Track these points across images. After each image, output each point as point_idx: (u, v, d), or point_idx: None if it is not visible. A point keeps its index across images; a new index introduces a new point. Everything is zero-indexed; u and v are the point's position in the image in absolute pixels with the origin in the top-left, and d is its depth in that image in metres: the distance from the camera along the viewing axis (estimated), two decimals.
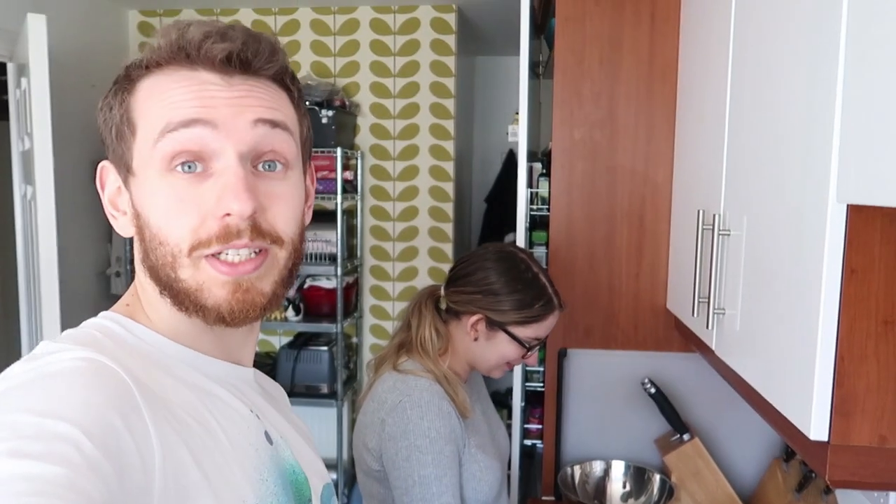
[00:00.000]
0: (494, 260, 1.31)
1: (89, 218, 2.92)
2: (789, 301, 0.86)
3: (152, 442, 0.52)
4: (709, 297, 1.17)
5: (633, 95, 1.62)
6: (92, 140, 2.91)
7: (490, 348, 1.29)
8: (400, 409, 1.19)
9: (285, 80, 0.65)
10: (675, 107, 1.61)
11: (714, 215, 1.15)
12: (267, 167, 0.62)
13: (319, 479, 0.74)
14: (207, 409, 0.61)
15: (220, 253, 0.59)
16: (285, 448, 0.68)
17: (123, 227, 0.65)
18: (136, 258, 0.65)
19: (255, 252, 0.61)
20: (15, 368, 0.54)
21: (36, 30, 1.90)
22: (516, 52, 1.76)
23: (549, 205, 1.70)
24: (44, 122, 1.88)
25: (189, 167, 0.59)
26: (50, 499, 0.42)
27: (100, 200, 0.67)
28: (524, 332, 1.27)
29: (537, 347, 1.32)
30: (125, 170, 0.63)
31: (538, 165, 1.85)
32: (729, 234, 1.14)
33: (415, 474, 1.16)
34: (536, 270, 1.31)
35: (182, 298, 0.61)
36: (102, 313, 0.65)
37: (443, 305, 1.32)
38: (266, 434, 0.66)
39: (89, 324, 0.63)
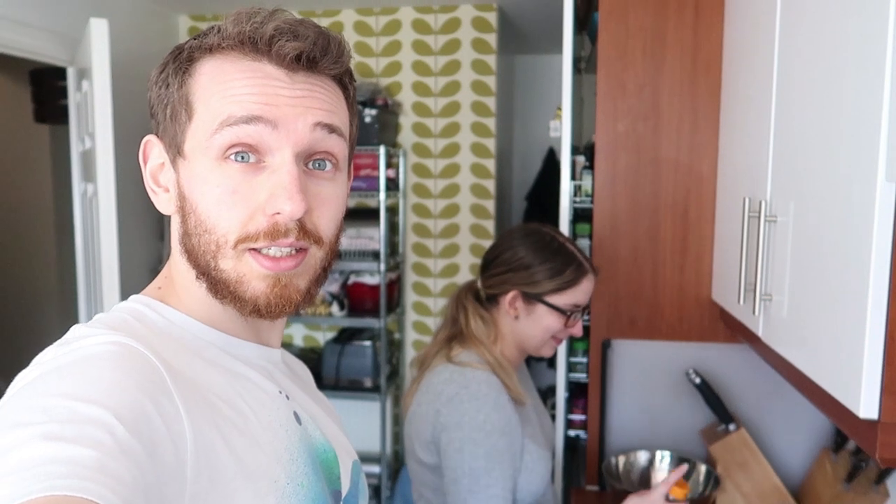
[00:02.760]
0: (520, 237, 1.33)
1: (142, 217, 3.03)
2: (838, 283, 0.87)
3: (183, 425, 0.52)
4: (755, 284, 1.17)
5: (676, 87, 1.63)
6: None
7: (532, 323, 1.30)
8: (457, 400, 1.20)
9: (344, 79, 0.66)
10: (720, 98, 1.61)
11: (760, 202, 1.15)
12: (317, 165, 0.63)
13: (348, 456, 0.75)
14: (237, 392, 0.61)
15: (264, 248, 0.60)
16: (314, 427, 0.69)
17: (163, 203, 0.66)
18: (174, 238, 0.65)
19: (296, 250, 0.61)
20: (47, 353, 0.54)
21: (98, 33, 1.99)
22: (556, 50, 1.79)
23: (592, 197, 1.72)
24: (105, 123, 1.97)
25: (243, 157, 0.59)
26: (82, 481, 0.42)
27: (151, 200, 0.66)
28: (561, 299, 1.29)
29: (580, 315, 1.33)
30: (175, 150, 0.63)
31: (581, 159, 1.87)
32: (775, 221, 1.15)
33: (465, 465, 1.17)
34: (562, 240, 1.33)
35: (220, 287, 0.61)
36: (133, 297, 0.66)
37: (482, 294, 1.34)
38: (295, 414, 0.67)
39: (121, 307, 0.64)
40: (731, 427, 1.61)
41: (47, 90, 3.31)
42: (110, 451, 0.45)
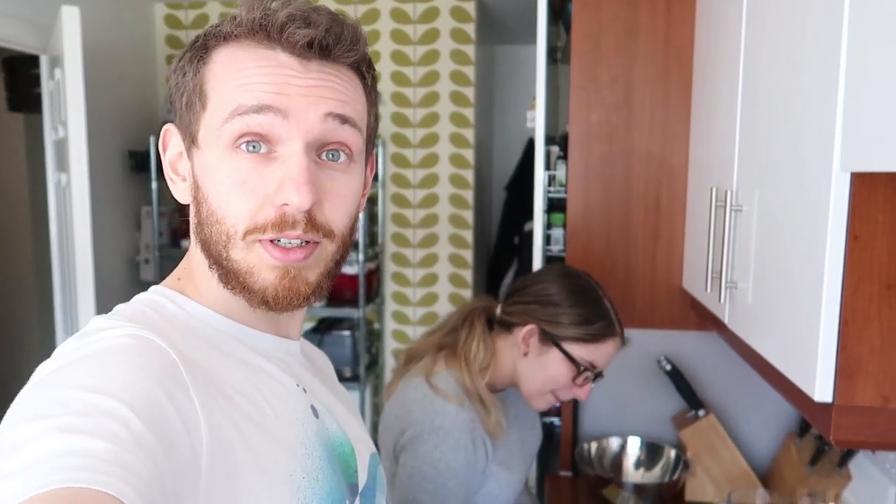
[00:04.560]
0: (558, 274, 1.25)
1: (117, 206, 3.00)
2: (797, 270, 0.89)
3: (199, 419, 0.52)
4: (721, 272, 1.20)
5: (649, 79, 1.65)
6: (121, 130, 2.99)
7: (539, 366, 1.20)
8: (418, 427, 1.16)
9: (362, 68, 0.65)
10: (691, 90, 1.64)
11: (727, 192, 1.18)
12: (331, 156, 0.62)
13: (366, 449, 0.75)
14: (254, 385, 0.61)
15: (274, 239, 0.59)
16: (331, 421, 0.69)
17: (181, 193, 0.66)
18: (192, 227, 0.65)
19: (305, 242, 0.61)
20: (68, 345, 0.55)
21: (70, 21, 1.97)
22: (534, 40, 1.79)
23: (566, 187, 1.74)
24: (78, 112, 1.96)
25: (253, 147, 0.59)
26: (97, 474, 0.42)
27: (127, 188, 0.67)
28: (580, 351, 1.18)
29: (591, 379, 1.22)
30: (190, 139, 0.63)
31: (555, 149, 1.88)
32: (741, 210, 1.17)
33: (411, 494, 1.15)
34: (602, 294, 1.24)
35: (230, 277, 0.61)
36: (153, 287, 0.66)
37: (496, 318, 1.26)
38: (312, 408, 0.66)
39: (140, 298, 0.64)
40: (701, 413, 1.64)
41: (21, 78, 3.26)
42: (126, 445, 0.45)
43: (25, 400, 0.49)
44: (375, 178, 3.18)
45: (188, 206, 0.66)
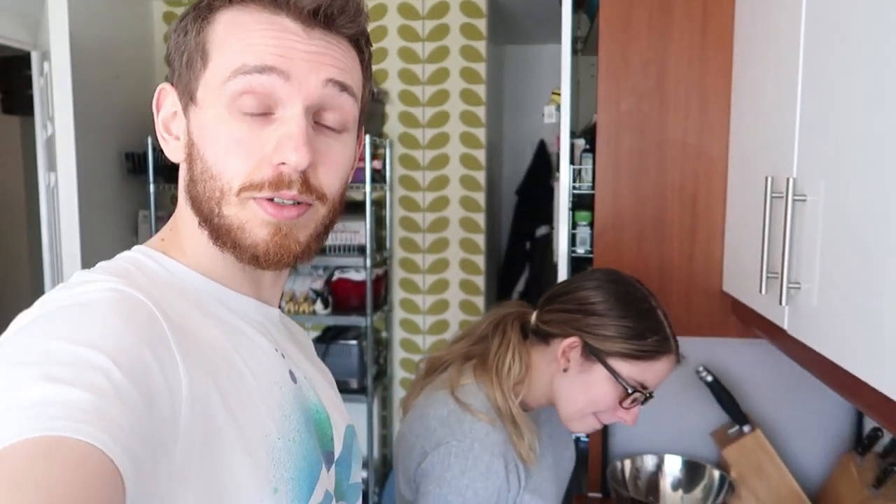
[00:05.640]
0: (604, 280, 1.10)
1: (113, 210, 2.87)
2: (878, 266, 0.76)
3: (180, 375, 0.53)
4: (781, 272, 1.06)
5: (684, 63, 1.51)
6: (117, 132, 2.87)
7: (580, 385, 1.06)
8: (444, 451, 1.01)
9: (360, 42, 0.67)
10: (731, 74, 1.50)
11: (788, 179, 1.04)
12: (327, 123, 0.64)
13: (342, 420, 0.75)
14: (233, 346, 0.62)
15: (269, 197, 0.60)
16: (309, 388, 0.69)
17: (173, 151, 0.66)
18: (181, 185, 0.66)
19: (298, 203, 0.62)
20: (50, 296, 0.55)
21: (57, 12, 1.85)
22: (547, 39, 1.68)
23: (593, 183, 1.60)
24: (65, 104, 1.84)
25: (253, 108, 0.60)
26: (78, 423, 0.42)
27: (123, 192, 0.66)
28: (628, 369, 1.04)
29: (640, 402, 1.06)
30: (188, 97, 0.64)
31: (581, 142, 1.75)
32: (805, 200, 1.04)
33: None
34: (655, 305, 1.09)
35: (221, 234, 0.62)
36: (136, 247, 0.67)
37: (531, 326, 1.12)
38: (290, 373, 0.67)
39: (123, 256, 0.65)
40: (746, 428, 1.50)
41: (15, 80, 3.17)
42: (107, 396, 0.45)
43: (5, 347, 0.49)
44: (382, 179, 3.05)
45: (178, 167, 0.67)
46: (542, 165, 3.76)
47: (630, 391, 1.04)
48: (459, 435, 1.02)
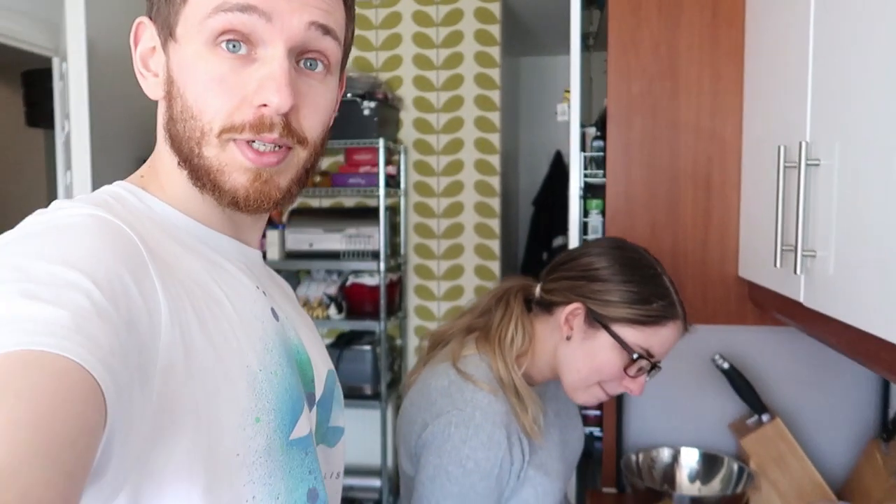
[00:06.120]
0: (609, 247, 1.08)
1: None
2: None
3: (159, 300, 0.52)
4: (795, 242, 1.02)
5: (695, 44, 1.49)
6: (135, 138, 2.91)
7: (584, 353, 1.03)
8: (444, 421, 0.98)
9: None
10: (743, 55, 1.47)
11: (801, 143, 1.01)
12: (308, 65, 0.62)
13: (323, 365, 0.74)
14: (214, 280, 0.61)
15: (250, 140, 0.59)
16: (290, 328, 0.68)
17: (152, 88, 0.65)
18: (160, 123, 0.65)
19: (279, 147, 0.60)
20: (27, 220, 0.54)
21: (74, 9, 1.88)
22: (561, 49, 1.67)
23: (604, 170, 1.57)
24: (81, 100, 1.86)
25: (234, 46, 0.58)
26: (59, 339, 0.41)
27: None
28: (633, 335, 1.01)
29: (646, 370, 1.03)
30: (167, 32, 0.62)
31: (592, 130, 1.73)
32: (818, 164, 1.00)
33: (433, 498, 0.98)
34: (661, 271, 1.07)
35: (200, 174, 0.61)
36: (116, 182, 0.65)
37: (535, 298, 1.10)
38: (272, 310, 0.66)
39: (103, 189, 0.63)
40: (765, 418, 1.44)
41: (39, 93, 3.23)
42: (88, 315, 0.44)
43: None
44: (397, 185, 3.05)
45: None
46: (559, 176, 3.74)
47: (636, 358, 1.01)
48: (460, 404, 0.99)
